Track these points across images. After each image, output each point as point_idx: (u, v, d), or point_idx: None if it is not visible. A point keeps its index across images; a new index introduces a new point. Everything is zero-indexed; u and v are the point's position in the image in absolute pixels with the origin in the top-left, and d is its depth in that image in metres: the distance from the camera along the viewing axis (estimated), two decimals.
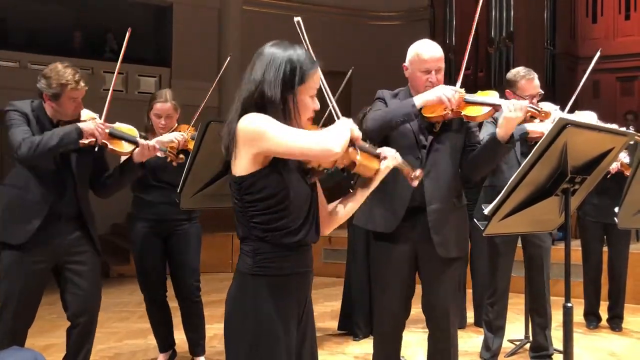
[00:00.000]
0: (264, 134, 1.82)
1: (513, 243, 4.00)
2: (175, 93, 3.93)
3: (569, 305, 2.50)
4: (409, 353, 4.35)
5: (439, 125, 2.96)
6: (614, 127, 3.19)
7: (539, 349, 4.02)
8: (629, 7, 10.73)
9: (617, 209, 3.04)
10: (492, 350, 4.07)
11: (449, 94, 2.84)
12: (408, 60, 3.05)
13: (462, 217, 3.07)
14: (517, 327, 4.77)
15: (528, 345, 4.25)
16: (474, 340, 4.68)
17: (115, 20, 9.96)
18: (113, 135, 3.12)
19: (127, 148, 3.15)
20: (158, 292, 3.94)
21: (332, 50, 8.24)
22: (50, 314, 4.72)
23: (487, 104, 2.89)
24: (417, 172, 2.09)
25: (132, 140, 3.14)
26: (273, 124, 1.84)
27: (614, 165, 4.28)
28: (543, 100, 3.82)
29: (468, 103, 2.91)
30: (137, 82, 10.35)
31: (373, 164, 2.00)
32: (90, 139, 3.01)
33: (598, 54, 3.76)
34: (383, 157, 2.03)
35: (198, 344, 4.02)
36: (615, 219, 3.08)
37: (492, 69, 10.78)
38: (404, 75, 3.10)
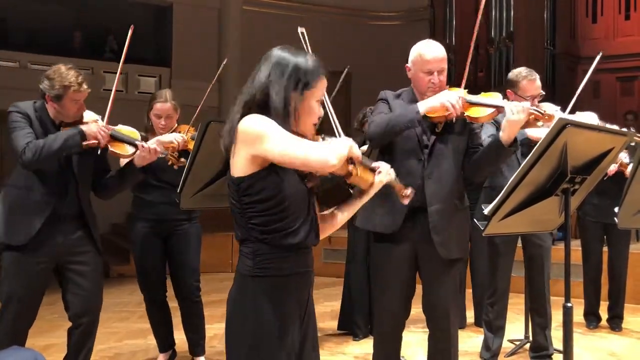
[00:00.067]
0: (264, 137, 1.82)
1: (513, 243, 4.00)
2: (175, 93, 3.93)
3: (569, 305, 2.50)
4: (409, 353, 4.35)
5: (442, 126, 2.95)
6: (615, 127, 3.19)
7: (539, 349, 4.02)
8: (629, 7, 10.71)
9: (617, 209, 3.04)
10: (492, 350, 4.07)
11: (453, 100, 2.82)
12: (411, 61, 3.03)
13: (464, 218, 3.07)
14: (517, 327, 4.77)
15: (528, 345, 4.25)
16: (474, 340, 4.68)
17: (115, 20, 9.96)
18: (115, 138, 3.12)
19: (128, 150, 3.16)
20: (158, 292, 3.94)
21: (332, 50, 8.21)
22: (51, 314, 4.72)
23: (490, 106, 2.89)
24: (408, 190, 2.12)
25: (134, 143, 3.14)
26: (274, 128, 1.84)
27: (612, 168, 4.27)
28: (543, 101, 3.82)
29: (471, 104, 2.90)
30: (137, 82, 10.35)
31: (368, 177, 2.04)
32: (93, 142, 3.02)
33: (598, 58, 3.73)
34: (378, 171, 2.06)
35: (198, 344, 4.02)
36: (615, 219, 3.08)
37: (492, 69, 10.76)
38: (404, 75, 3.09)
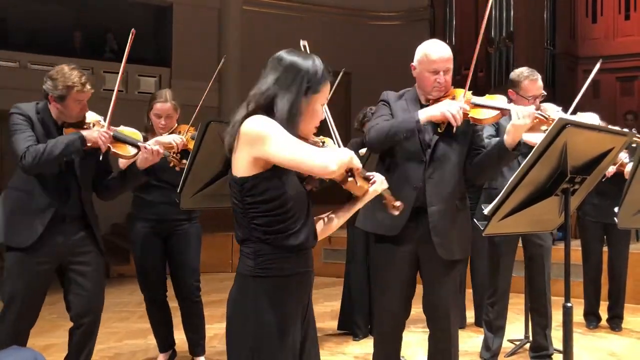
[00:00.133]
0: (267, 139, 1.83)
1: (513, 243, 4.00)
2: (175, 93, 3.93)
3: (569, 305, 2.50)
4: (409, 353, 4.35)
5: (444, 126, 2.94)
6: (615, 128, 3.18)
7: (539, 349, 4.02)
8: (629, 7, 10.72)
9: (617, 209, 3.04)
10: (492, 350, 4.07)
11: (454, 111, 2.81)
12: (416, 60, 3.02)
13: (465, 219, 3.06)
14: (517, 327, 4.77)
15: (528, 345, 4.25)
16: (474, 340, 4.68)
17: (115, 20, 9.98)
18: (117, 139, 3.12)
19: (130, 152, 3.15)
20: (158, 292, 3.94)
21: (332, 50, 8.22)
22: (51, 314, 4.72)
23: (494, 108, 2.88)
24: (397, 202, 2.15)
25: (136, 145, 3.14)
26: (278, 131, 1.84)
27: (611, 169, 4.26)
28: (544, 101, 3.82)
29: (476, 105, 2.90)
30: (137, 82, 10.33)
31: (363, 185, 2.07)
32: (94, 146, 3.02)
33: (598, 65, 3.72)
34: (373, 181, 2.08)
35: (198, 344, 4.02)
36: (615, 219, 3.07)
37: (492, 69, 10.77)
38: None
